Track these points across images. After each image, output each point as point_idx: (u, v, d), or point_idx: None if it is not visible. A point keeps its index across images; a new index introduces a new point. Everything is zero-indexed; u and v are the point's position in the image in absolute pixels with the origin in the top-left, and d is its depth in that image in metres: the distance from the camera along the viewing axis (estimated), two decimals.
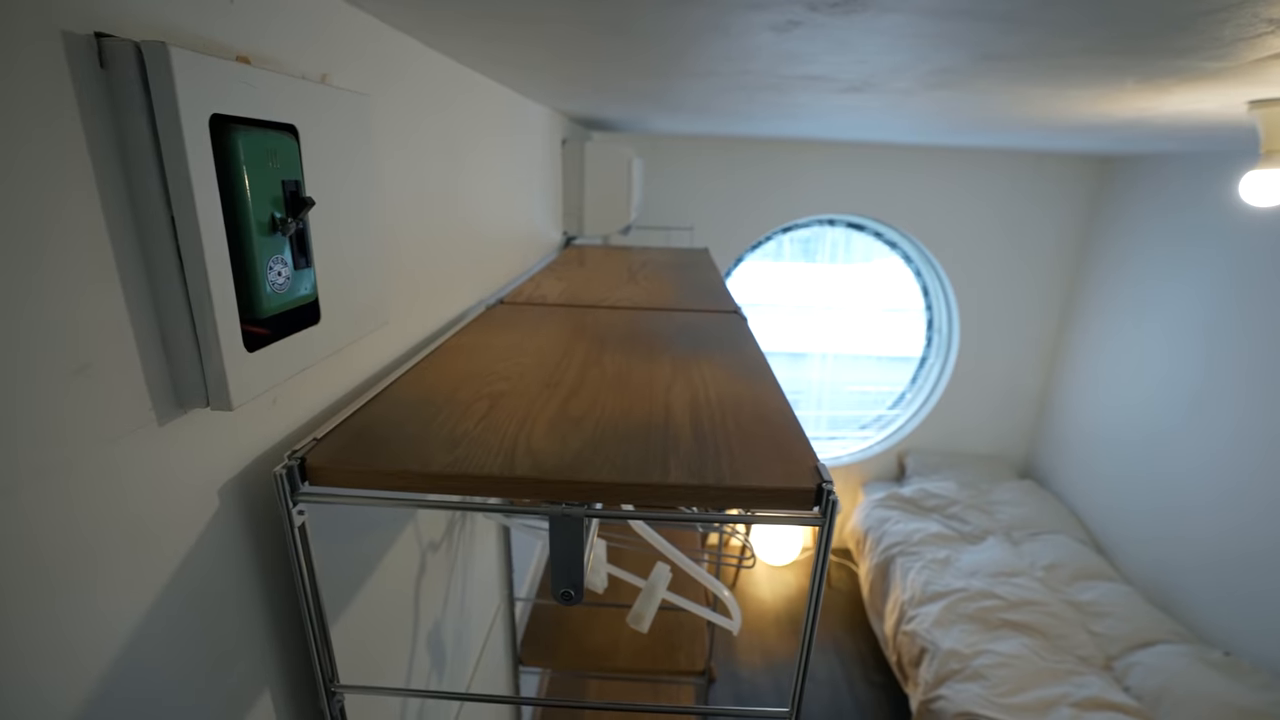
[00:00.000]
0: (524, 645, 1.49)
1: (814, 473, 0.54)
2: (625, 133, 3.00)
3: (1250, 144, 1.89)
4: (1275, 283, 2.32)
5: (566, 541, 0.54)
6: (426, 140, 0.91)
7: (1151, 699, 2.16)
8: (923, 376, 3.84)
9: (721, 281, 1.40)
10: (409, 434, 0.62)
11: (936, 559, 2.89)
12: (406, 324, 0.85)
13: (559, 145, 1.95)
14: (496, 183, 1.28)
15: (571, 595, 0.55)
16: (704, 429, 0.63)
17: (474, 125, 1.12)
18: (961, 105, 1.39)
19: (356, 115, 0.63)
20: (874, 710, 2.70)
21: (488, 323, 1.02)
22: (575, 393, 0.72)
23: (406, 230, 0.84)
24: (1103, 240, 3.25)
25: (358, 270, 0.66)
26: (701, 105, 1.57)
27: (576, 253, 1.84)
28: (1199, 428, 2.63)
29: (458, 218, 1.06)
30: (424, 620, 0.91)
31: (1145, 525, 2.88)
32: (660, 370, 0.80)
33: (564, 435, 0.61)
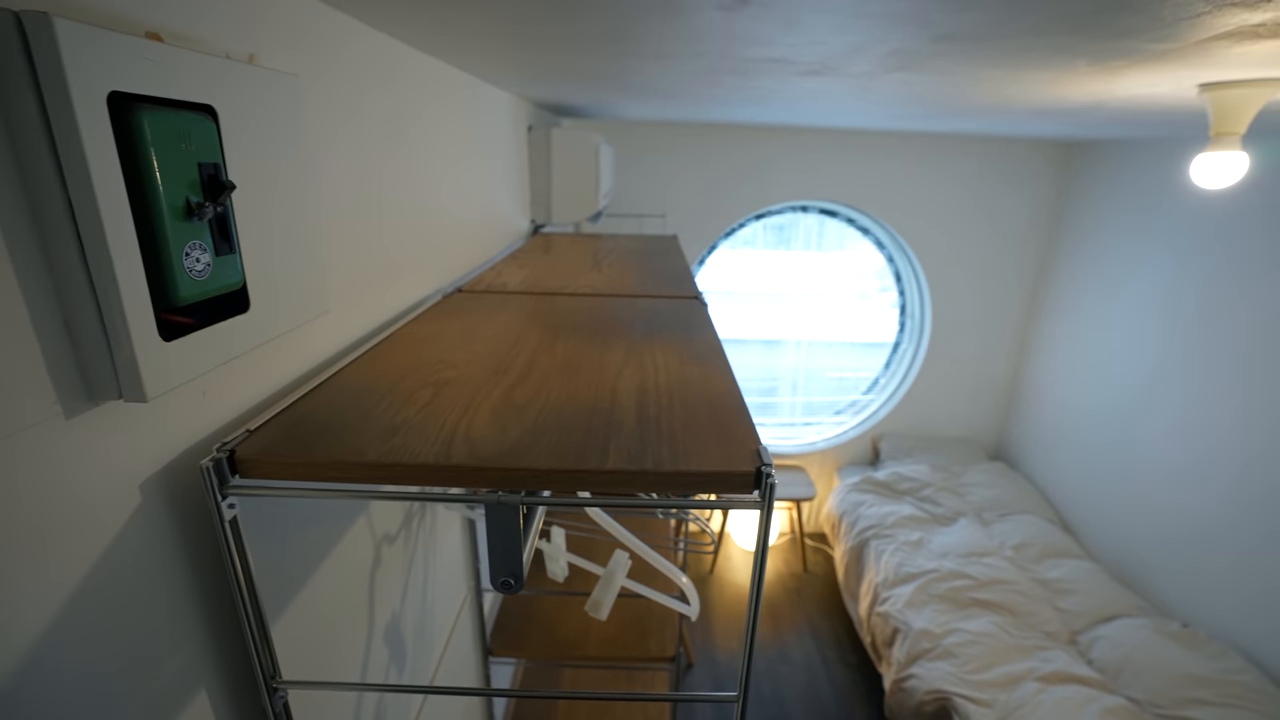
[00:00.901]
0: (494, 636, 1.48)
1: (754, 456, 0.53)
2: (595, 119, 2.97)
3: (1203, 129, 1.93)
4: (1226, 263, 2.37)
5: (503, 529, 0.53)
6: (373, 125, 0.88)
7: (1113, 670, 2.22)
8: (896, 361, 3.88)
9: (686, 268, 1.40)
10: (347, 424, 0.60)
11: (909, 541, 2.94)
12: (353, 312, 0.83)
13: (524, 132, 1.92)
14: (454, 169, 1.26)
15: (511, 584, 0.54)
16: (649, 414, 0.62)
17: (427, 110, 1.10)
18: (923, 88, 1.40)
19: (286, 97, 0.61)
20: (849, 690, 2.75)
21: (443, 311, 1.01)
22: (523, 379, 0.71)
23: (351, 217, 0.82)
24: (1067, 225, 3.30)
25: (292, 257, 0.64)
26: (666, 89, 1.56)
27: (543, 240, 1.82)
28: (1159, 407, 2.69)
29: (410, 205, 1.04)
30: (380, 613, 0.90)
31: (1110, 504, 2.95)
32: (612, 356, 0.79)
33: (505, 422, 0.60)
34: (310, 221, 0.67)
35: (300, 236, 0.66)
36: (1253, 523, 2.26)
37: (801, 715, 2.62)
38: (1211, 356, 2.46)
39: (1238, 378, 2.35)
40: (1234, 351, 2.37)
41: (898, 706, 2.34)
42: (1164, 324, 2.69)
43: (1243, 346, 2.33)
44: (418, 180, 1.06)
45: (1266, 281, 2.24)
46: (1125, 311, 2.91)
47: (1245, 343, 2.32)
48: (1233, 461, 2.35)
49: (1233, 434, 2.36)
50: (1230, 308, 2.39)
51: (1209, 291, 2.48)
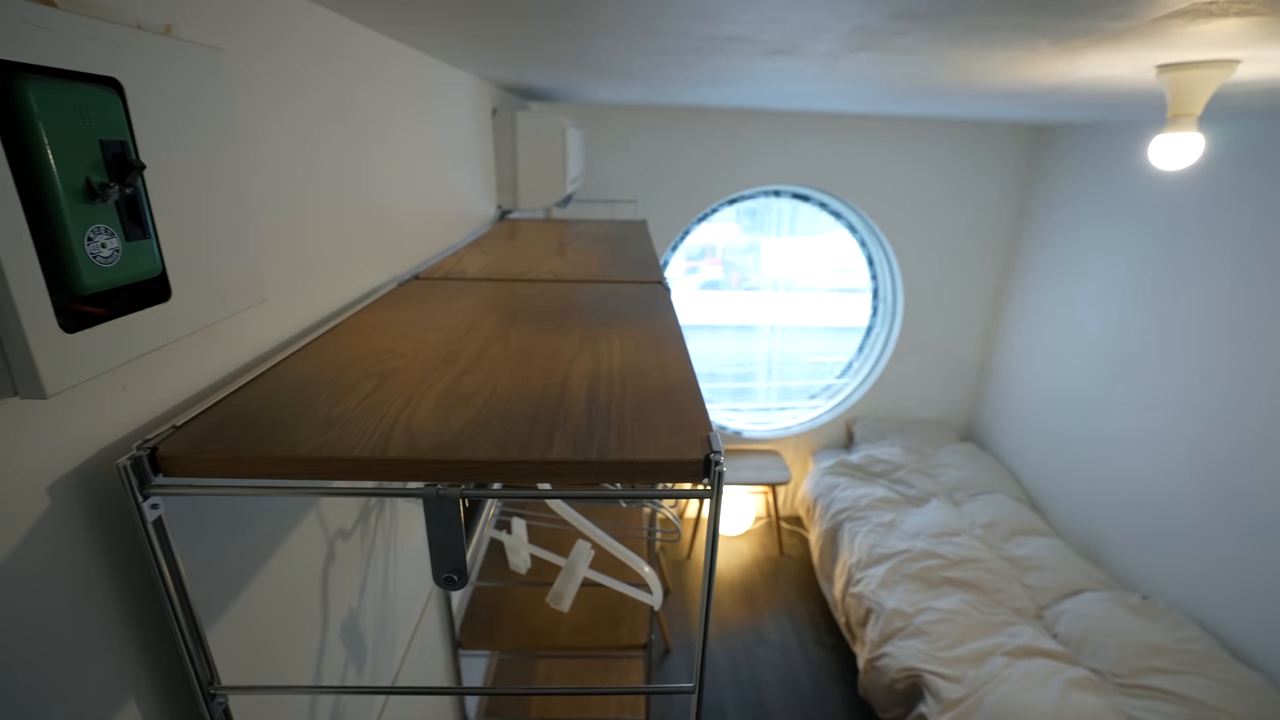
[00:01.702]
0: (464, 628, 1.46)
1: (704, 443, 0.52)
2: (564, 103, 2.92)
3: (1162, 111, 1.95)
4: (1185, 244, 2.42)
5: (444, 524, 0.51)
6: (315, 105, 0.84)
7: (1076, 643, 2.28)
8: (869, 345, 3.91)
9: (652, 252, 1.38)
10: (282, 418, 0.58)
11: (882, 522, 2.97)
12: (296, 302, 0.80)
13: (489, 115, 1.88)
14: (409, 153, 1.22)
15: (454, 580, 0.52)
16: (599, 402, 0.60)
17: (377, 91, 1.06)
18: (889, 69, 1.38)
19: (208, 72, 0.58)
20: (825, 670, 2.79)
21: (396, 299, 0.98)
22: (471, 368, 0.69)
23: (291, 202, 0.79)
24: (1035, 208, 3.33)
25: (221, 243, 0.61)
26: (629, 70, 1.52)
27: (509, 226, 1.78)
28: (1122, 386, 2.75)
29: (360, 190, 1.00)
30: (335, 611, 0.87)
31: (1075, 482, 3.01)
32: (567, 343, 0.77)
33: (449, 413, 0.58)
34: (241, 206, 0.64)
35: (230, 221, 0.62)
36: (1208, 498, 2.32)
37: (779, 696, 2.65)
38: (1171, 336, 2.51)
39: (1196, 356, 2.40)
40: (1192, 330, 2.42)
41: (871, 685, 2.38)
42: (1126, 305, 2.74)
43: (1200, 325, 2.38)
44: (368, 164, 1.02)
45: (1223, 260, 2.29)
46: (1090, 293, 2.96)
47: (1202, 322, 2.37)
48: (1191, 438, 2.41)
49: (1192, 411, 2.41)
50: (1188, 287, 2.44)
51: (1169, 272, 2.53)
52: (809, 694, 2.65)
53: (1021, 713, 1.95)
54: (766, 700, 2.62)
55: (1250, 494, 2.18)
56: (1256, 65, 1.19)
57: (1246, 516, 2.18)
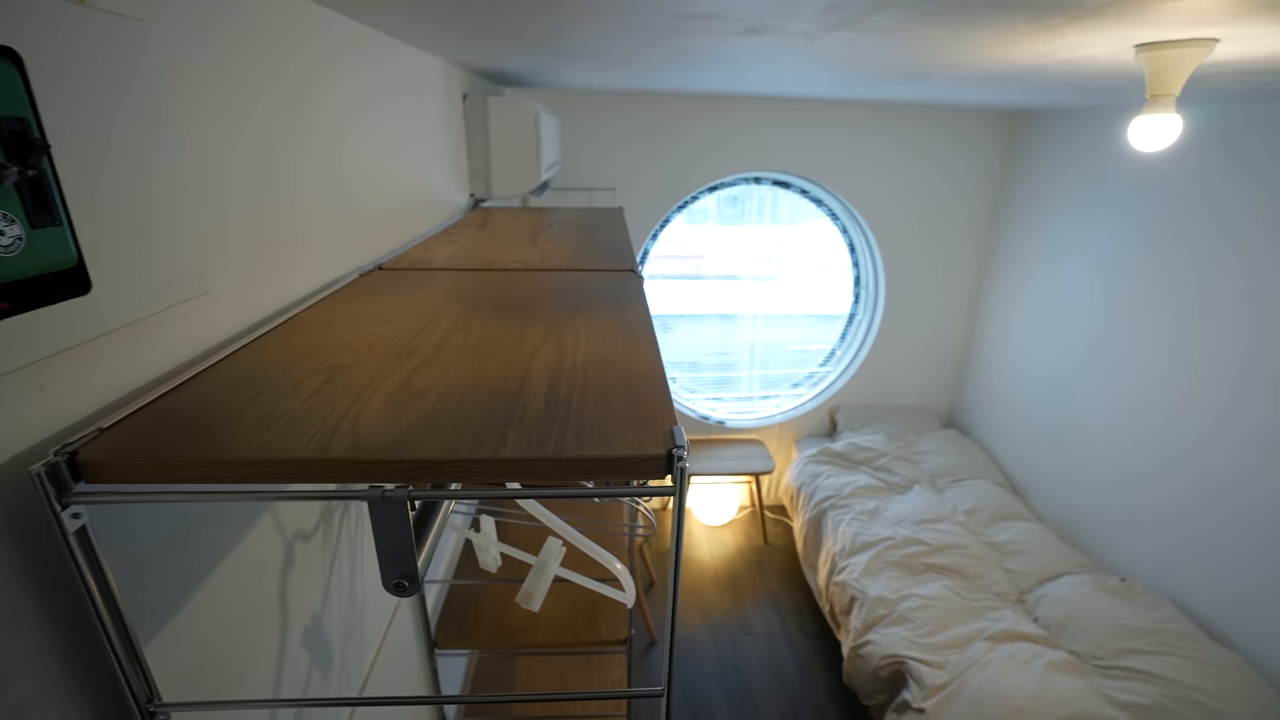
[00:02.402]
0: (439, 628, 1.43)
1: (667, 437, 0.49)
2: (540, 88, 2.87)
3: (1142, 95, 1.94)
4: (1162, 228, 2.43)
5: (391, 527, 0.48)
6: (266, 88, 0.80)
7: (1057, 626, 2.30)
8: (851, 333, 3.91)
9: (626, 240, 1.34)
10: (220, 418, 0.54)
11: (866, 510, 2.98)
12: (244, 294, 0.76)
13: (460, 101, 1.82)
14: (371, 139, 1.17)
15: (405, 586, 0.49)
16: (559, 395, 0.57)
17: (338, 74, 1.01)
18: (867, 49, 1.35)
19: (129, 45, 0.53)
20: (810, 658, 2.79)
21: (355, 291, 0.94)
22: (428, 362, 0.65)
23: (238, 188, 0.74)
24: (1015, 194, 3.34)
25: (150, 231, 0.57)
26: (599, 51, 1.48)
27: (481, 215, 1.74)
28: (1098, 369, 2.77)
29: (318, 177, 0.95)
30: (296, 617, 0.84)
31: (1055, 465, 3.03)
32: (531, 334, 0.74)
33: (400, 409, 0.55)
34: (175, 192, 0.60)
35: (162, 208, 0.58)
36: (1185, 480, 2.34)
37: (764, 685, 2.65)
38: (1146, 321, 2.53)
39: (1171, 339, 2.42)
40: (1167, 314, 2.43)
41: (855, 672, 2.39)
42: (1103, 290, 2.75)
43: (1175, 309, 2.40)
44: (325, 152, 0.97)
45: (1195, 243, 2.30)
46: (1069, 278, 2.97)
47: (1178, 306, 2.39)
48: (1167, 420, 2.43)
49: (1167, 393, 2.43)
50: (1163, 271, 2.45)
51: (1145, 257, 2.54)
52: (794, 682, 2.66)
53: (1003, 696, 1.96)
54: (752, 690, 2.62)
55: (1225, 477, 2.20)
56: (1234, 44, 1.18)
57: (1221, 499, 2.21)
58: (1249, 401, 2.12)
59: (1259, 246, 2.10)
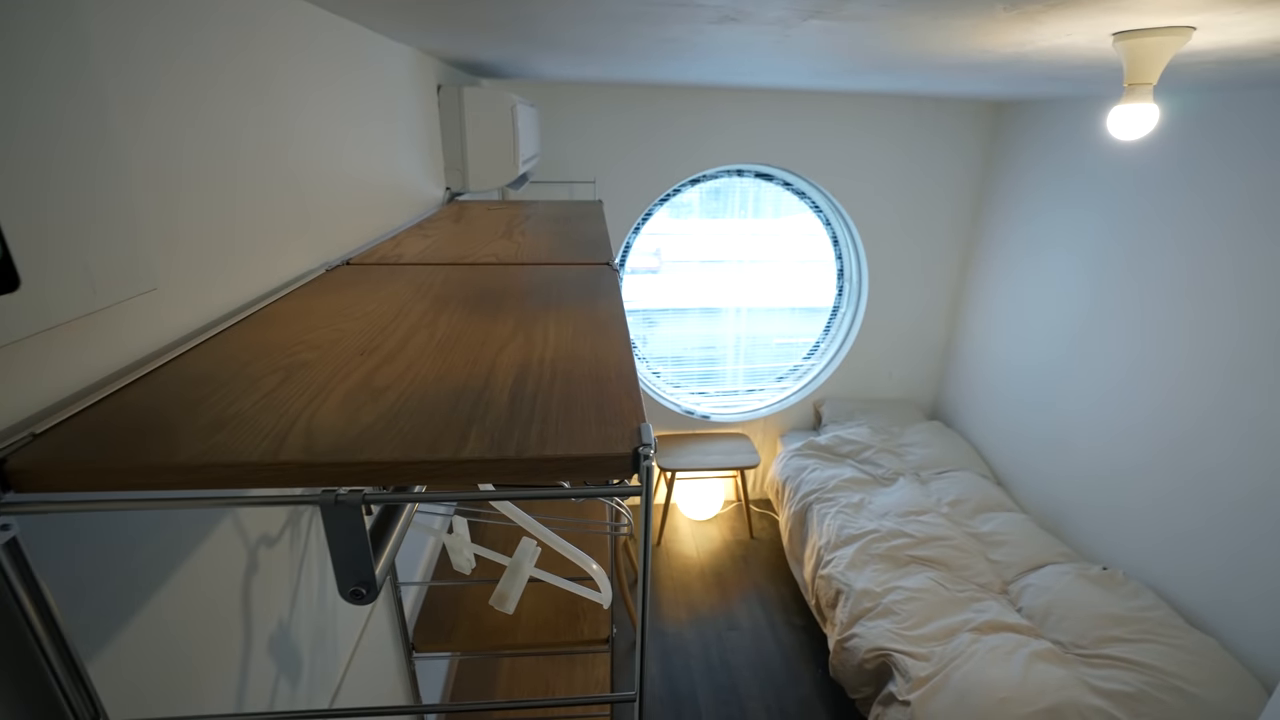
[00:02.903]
0: (418, 630, 1.41)
1: (634, 436, 0.47)
2: (517, 79, 2.82)
3: (1121, 86, 1.95)
4: (1141, 219, 2.44)
5: (345, 533, 0.45)
6: (225, 76, 0.76)
7: (1040, 616, 2.31)
8: (835, 325, 3.91)
9: (603, 233, 1.32)
10: (167, 420, 0.51)
11: (851, 503, 2.98)
12: (200, 290, 0.73)
13: (434, 92, 1.79)
14: (343, 131, 1.14)
15: (363, 594, 0.47)
16: (525, 392, 0.55)
17: (303, 63, 0.98)
18: (846, 38, 1.34)
19: (54, 22, 0.50)
20: (796, 652, 2.79)
21: (321, 286, 0.90)
22: (391, 359, 0.63)
23: (194, 178, 0.71)
24: (997, 185, 3.35)
25: (89, 223, 0.54)
26: (576, 41, 1.45)
27: (457, 209, 1.71)
28: (1081, 361, 2.79)
29: (283, 168, 0.92)
30: (261, 625, 0.81)
31: (1037, 455, 3.06)
32: (500, 329, 0.71)
33: (357, 409, 0.52)
34: (119, 181, 0.57)
35: (103, 199, 0.55)
36: (1164, 467, 2.37)
37: (750, 679, 2.65)
38: (1126, 310, 2.55)
39: (1150, 328, 2.44)
40: (1146, 304, 2.45)
41: (841, 666, 2.39)
42: (1084, 280, 2.77)
43: (1152, 297, 2.42)
44: (289, 141, 0.94)
45: (1176, 232, 2.32)
46: (1051, 269, 2.99)
47: (1154, 293, 2.41)
48: (1146, 409, 2.45)
49: (1147, 382, 2.45)
50: (1145, 260, 2.47)
51: (1126, 246, 2.56)
52: (780, 677, 2.66)
53: (987, 687, 1.97)
54: (738, 684, 2.62)
55: (1203, 463, 2.22)
56: (1211, 33, 1.17)
57: (1204, 489, 2.23)
58: (1231, 392, 2.14)
59: (1240, 236, 2.11)
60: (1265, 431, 2.02)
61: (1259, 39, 1.21)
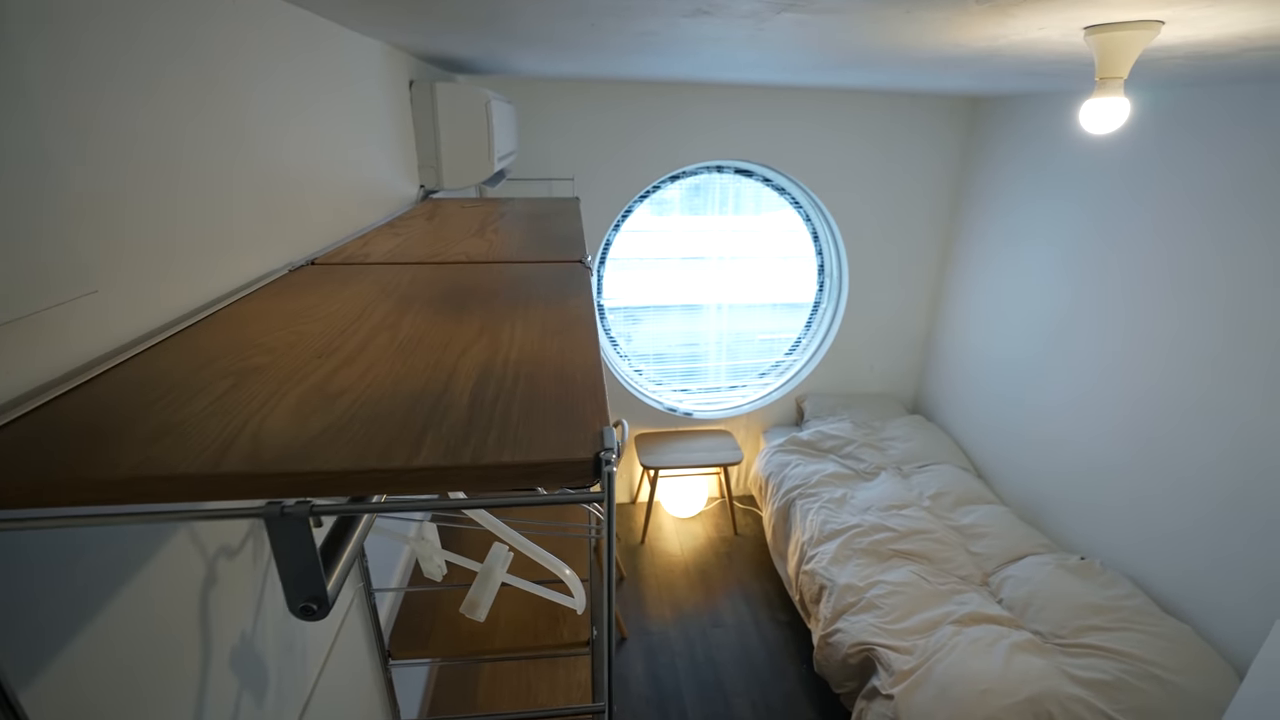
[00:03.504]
0: (394, 637, 1.38)
1: (595, 440, 0.45)
2: (493, 76, 2.79)
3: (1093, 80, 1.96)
4: (1113, 212, 2.47)
5: (293, 546, 0.43)
6: (175, 68, 0.73)
7: (1020, 607, 2.33)
8: (817, 321, 3.92)
9: (578, 230, 1.30)
10: (108, 429, 0.49)
11: (834, 498, 2.99)
12: (151, 292, 0.70)
13: (406, 87, 1.75)
14: (307, 127, 1.11)
15: (314, 610, 0.45)
16: (486, 396, 0.53)
17: (262, 56, 0.94)
18: (819, 32, 1.33)
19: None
20: (780, 648, 2.80)
21: (282, 287, 0.88)
22: (350, 362, 0.61)
23: (139, 178, 0.68)
24: (974, 180, 3.37)
25: (12, 224, 0.51)
26: (549, 36, 1.43)
27: (430, 206, 1.68)
28: (1056, 351, 2.82)
29: (239, 165, 0.89)
30: (222, 639, 0.78)
31: (1017, 447, 3.09)
32: (465, 330, 0.69)
33: (309, 415, 0.50)
34: (46, 179, 0.54)
35: (27, 198, 0.52)
36: (1137, 457, 2.40)
37: (735, 676, 2.65)
38: (1101, 302, 2.57)
39: (1125, 321, 2.47)
40: (1121, 296, 2.48)
41: (825, 661, 2.39)
42: (1060, 272, 2.80)
43: (1126, 291, 2.45)
44: (247, 138, 0.91)
45: (1151, 226, 2.35)
46: (1027, 262, 3.01)
47: (1128, 286, 2.43)
48: (1120, 400, 2.48)
49: (1121, 374, 2.48)
50: (1118, 253, 2.49)
51: (1100, 239, 2.58)
52: (765, 673, 2.66)
53: (969, 679, 1.98)
54: (724, 681, 2.62)
55: (1180, 457, 2.25)
56: (1179, 27, 1.18)
57: (1179, 480, 2.26)
58: (1206, 387, 2.17)
59: (1213, 231, 2.14)
60: (1242, 426, 2.05)
61: (1226, 33, 1.22)
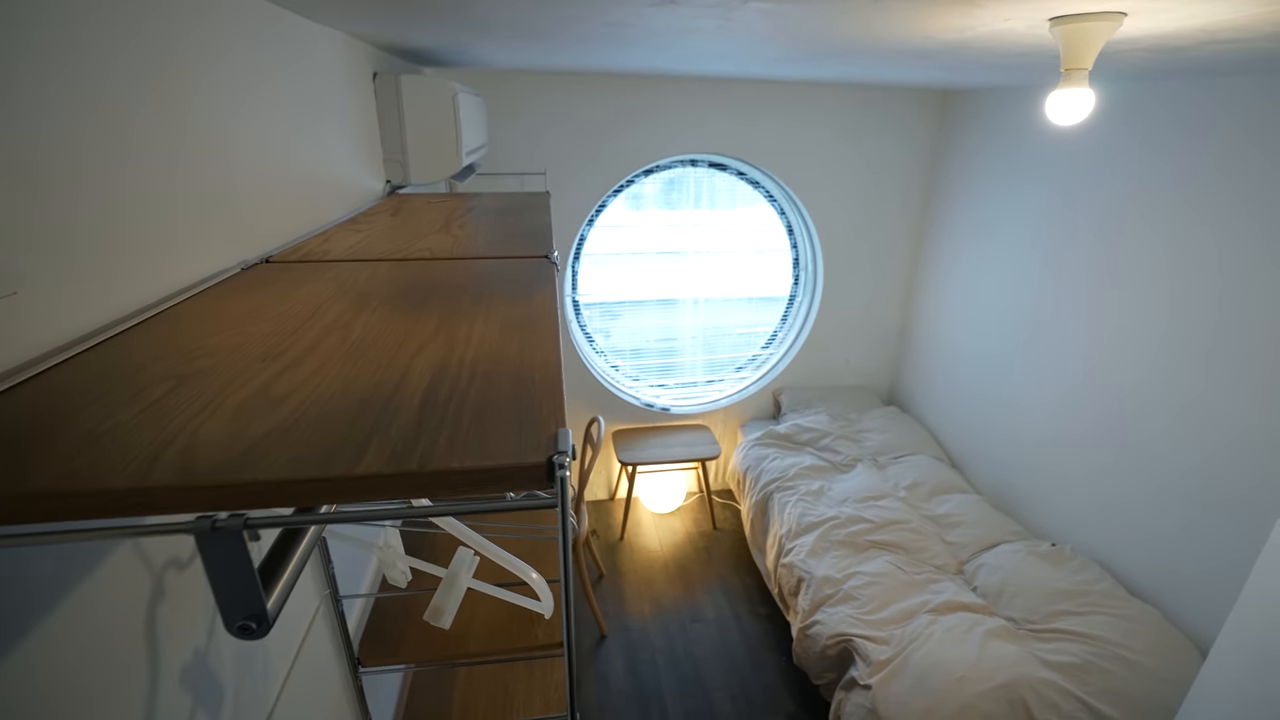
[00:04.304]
0: (364, 644, 1.35)
1: (550, 443, 0.43)
2: (462, 68, 2.74)
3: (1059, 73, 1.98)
4: (1076, 201, 2.51)
5: (227, 563, 0.41)
6: (115, 58, 0.69)
7: (994, 594, 2.37)
8: (792, 314, 3.93)
9: (546, 225, 1.27)
10: (27, 439, 0.45)
11: (811, 491, 3.00)
12: (85, 293, 0.66)
13: (369, 79, 1.70)
14: (260, 120, 1.06)
15: (253, 629, 0.42)
16: (438, 398, 0.51)
17: (210, 45, 0.90)
18: (789, 22, 1.32)
19: None
20: (760, 641, 2.81)
21: (233, 286, 0.84)
22: (297, 364, 0.58)
23: (72, 170, 0.64)
24: (946, 172, 3.40)
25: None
26: (514, 24, 1.40)
27: (396, 202, 1.63)
28: (1030, 343, 2.86)
29: (189, 160, 0.85)
30: (172, 655, 0.75)
31: (989, 436, 3.13)
32: (421, 329, 0.67)
33: (248, 422, 0.47)
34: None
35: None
36: (1105, 444, 2.44)
37: (716, 670, 2.65)
38: (1066, 290, 2.62)
39: (1093, 309, 2.51)
40: (1088, 285, 2.52)
41: (804, 653, 2.40)
42: (1027, 262, 2.83)
43: (1093, 280, 2.49)
44: (194, 131, 0.87)
45: (1108, 215, 2.38)
46: (997, 254, 3.05)
47: (1096, 276, 2.48)
48: (1087, 389, 2.52)
49: (1086, 362, 2.53)
50: (1080, 242, 2.53)
51: (1063, 228, 2.62)
52: (745, 667, 2.67)
53: (945, 667, 2.00)
54: (704, 676, 2.62)
55: (1141, 443, 2.30)
56: (1141, 19, 1.18)
57: (1145, 467, 2.31)
58: (1165, 373, 2.22)
59: (1174, 218, 2.18)
60: (1199, 411, 2.09)
61: (1186, 26, 1.23)
